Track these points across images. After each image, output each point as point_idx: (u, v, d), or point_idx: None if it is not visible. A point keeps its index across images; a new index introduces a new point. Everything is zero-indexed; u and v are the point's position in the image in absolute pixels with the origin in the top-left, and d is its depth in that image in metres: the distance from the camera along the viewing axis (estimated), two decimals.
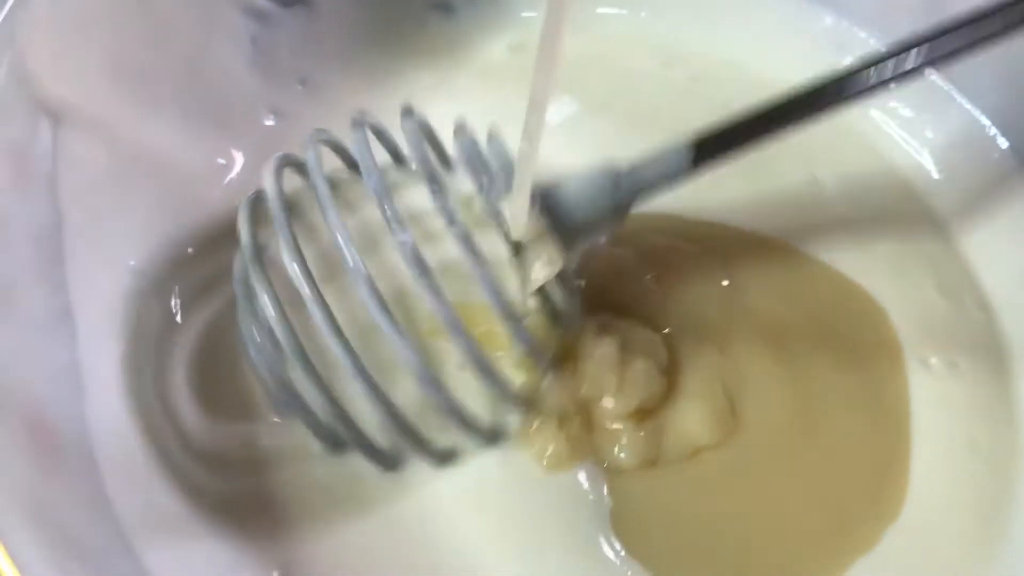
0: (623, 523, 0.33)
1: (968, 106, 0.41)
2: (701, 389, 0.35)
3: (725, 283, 0.38)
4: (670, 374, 0.35)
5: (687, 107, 0.41)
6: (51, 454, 0.29)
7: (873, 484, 0.34)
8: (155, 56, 0.36)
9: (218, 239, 0.37)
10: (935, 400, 0.36)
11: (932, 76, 0.41)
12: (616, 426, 0.34)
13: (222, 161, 0.39)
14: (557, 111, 0.42)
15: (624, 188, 0.31)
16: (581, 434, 0.34)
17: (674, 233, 0.38)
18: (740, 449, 0.34)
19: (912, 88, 0.41)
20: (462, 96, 0.42)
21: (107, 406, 0.32)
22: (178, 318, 0.36)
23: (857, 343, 0.37)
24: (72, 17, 0.33)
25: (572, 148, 0.39)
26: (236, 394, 0.35)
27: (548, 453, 0.34)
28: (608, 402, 0.34)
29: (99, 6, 0.34)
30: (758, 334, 0.36)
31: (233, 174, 0.39)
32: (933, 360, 0.36)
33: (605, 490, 0.34)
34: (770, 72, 0.42)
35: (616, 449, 0.34)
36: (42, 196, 0.32)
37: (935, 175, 0.40)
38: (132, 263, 0.35)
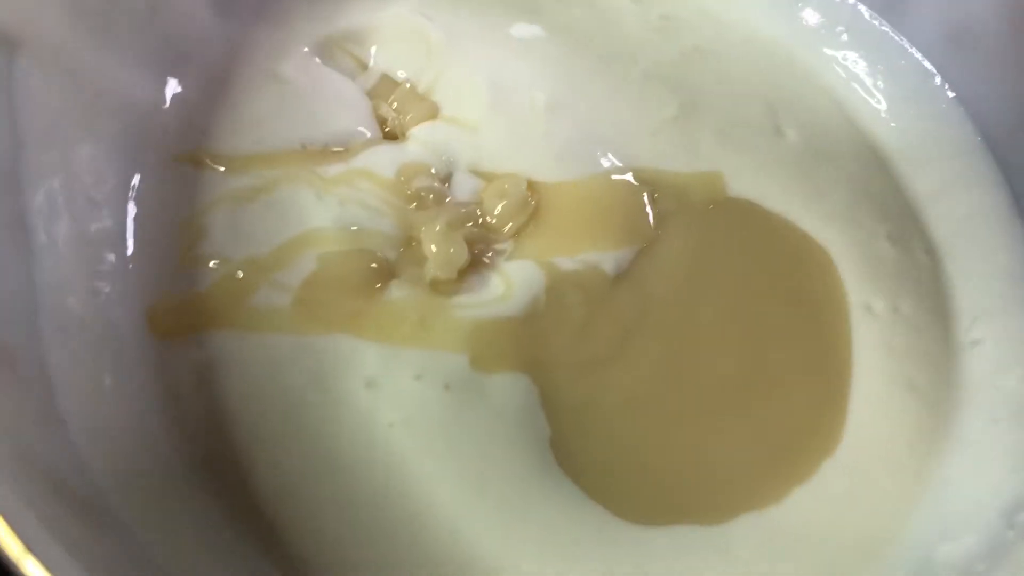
0: (562, 452, 0.34)
1: (918, 56, 0.42)
2: (640, 348, 0.36)
3: (682, 236, 0.38)
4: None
5: (656, 45, 0.41)
6: (6, 370, 0.29)
7: (812, 419, 0.35)
8: None
9: (169, 168, 0.37)
10: (877, 342, 0.37)
11: (884, 27, 0.42)
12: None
13: (177, 91, 0.38)
14: (523, 36, 0.41)
15: None
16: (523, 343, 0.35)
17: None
18: (681, 390, 0.35)
19: (867, 40, 0.42)
20: (429, 11, 0.41)
21: (61, 326, 0.32)
22: (129, 247, 0.36)
23: (803, 291, 0.38)
24: None
25: (537, 77, 0.39)
26: (188, 315, 0.35)
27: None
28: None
29: None
30: (710, 285, 0.37)
31: (185, 104, 0.38)
32: (877, 304, 0.37)
33: (544, 417, 0.34)
34: (736, 17, 0.42)
35: (551, 378, 0.35)
36: (2, 121, 0.31)
37: (889, 124, 0.41)
38: (90, 192, 0.35)
